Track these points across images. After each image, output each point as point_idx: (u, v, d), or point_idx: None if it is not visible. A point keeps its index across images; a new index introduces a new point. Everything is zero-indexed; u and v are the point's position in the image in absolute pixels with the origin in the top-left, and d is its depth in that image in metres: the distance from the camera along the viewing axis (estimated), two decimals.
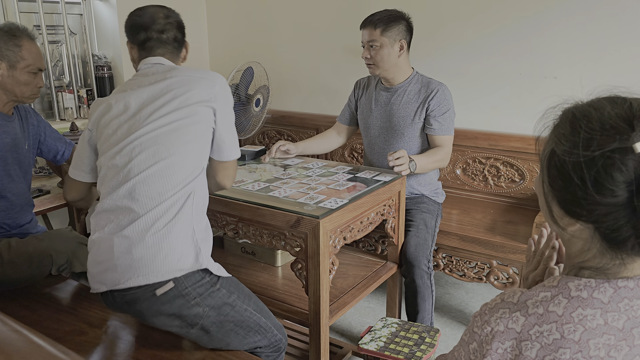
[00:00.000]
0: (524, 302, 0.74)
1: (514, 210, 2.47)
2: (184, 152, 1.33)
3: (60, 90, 2.96)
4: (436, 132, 2.10)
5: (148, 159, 1.32)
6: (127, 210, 1.31)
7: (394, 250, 2.03)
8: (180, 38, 1.51)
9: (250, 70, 2.72)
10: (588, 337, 0.69)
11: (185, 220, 1.32)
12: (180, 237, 1.31)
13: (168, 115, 1.33)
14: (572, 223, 0.72)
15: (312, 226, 1.51)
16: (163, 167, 1.31)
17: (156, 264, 1.28)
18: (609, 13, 2.22)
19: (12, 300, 1.68)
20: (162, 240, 1.29)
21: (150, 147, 1.32)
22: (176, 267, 1.29)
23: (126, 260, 1.28)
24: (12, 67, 1.68)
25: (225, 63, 3.40)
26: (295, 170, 1.99)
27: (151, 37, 1.45)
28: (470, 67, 2.59)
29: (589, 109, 0.70)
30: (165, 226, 1.29)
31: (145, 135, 1.33)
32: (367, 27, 2.07)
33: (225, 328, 1.37)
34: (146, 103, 1.35)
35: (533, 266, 0.97)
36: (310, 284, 1.58)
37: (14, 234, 1.79)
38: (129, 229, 1.29)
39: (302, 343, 2.05)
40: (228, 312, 1.36)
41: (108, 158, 1.36)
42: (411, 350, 1.66)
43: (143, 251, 1.28)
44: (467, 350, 0.78)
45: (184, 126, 1.34)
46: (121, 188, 1.32)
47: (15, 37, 1.68)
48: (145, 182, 1.31)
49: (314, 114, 3.12)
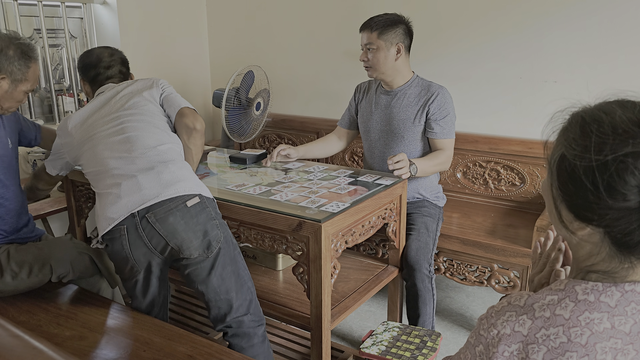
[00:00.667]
0: (531, 305, 0.73)
1: (514, 213, 2.47)
2: (155, 121, 1.69)
3: (60, 93, 2.96)
4: (437, 136, 2.10)
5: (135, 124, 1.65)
6: (134, 160, 1.57)
7: (395, 254, 2.02)
8: (125, 71, 1.88)
9: (250, 74, 2.73)
10: (595, 341, 0.69)
11: (185, 163, 1.66)
12: (191, 172, 1.63)
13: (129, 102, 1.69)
14: (583, 227, 0.72)
15: (314, 230, 1.51)
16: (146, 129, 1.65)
17: (183, 182, 1.54)
18: (609, 18, 2.22)
19: (12, 305, 1.67)
20: (181, 170, 1.59)
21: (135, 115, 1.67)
22: (198, 186, 1.57)
23: (154, 183, 1.52)
24: (14, 84, 1.66)
25: (226, 67, 3.40)
26: (297, 174, 1.99)
27: (99, 73, 1.81)
28: (470, 71, 2.60)
29: (599, 113, 0.69)
30: (178, 163, 1.61)
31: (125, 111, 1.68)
32: (365, 30, 2.10)
33: (228, 269, 1.54)
34: (110, 96, 1.73)
35: (539, 268, 0.96)
36: (312, 287, 1.57)
37: (12, 239, 1.77)
38: (147, 169, 1.55)
39: (304, 347, 2.05)
40: (235, 255, 1.56)
41: (101, 138, 1.64)
42: (413, 354, 1.66)
43: (169, 176, 1.54)
44: (474, 352, 0.78)
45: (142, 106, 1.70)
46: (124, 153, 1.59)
47: (28, 58, 1.66)
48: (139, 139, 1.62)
49: (315, 117, 3.12)
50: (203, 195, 1.55)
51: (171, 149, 1.63)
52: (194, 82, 3.49)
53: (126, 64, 1.89)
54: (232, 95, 2.66)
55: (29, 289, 1.72)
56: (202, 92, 3.55)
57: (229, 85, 2.62)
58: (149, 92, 1.74)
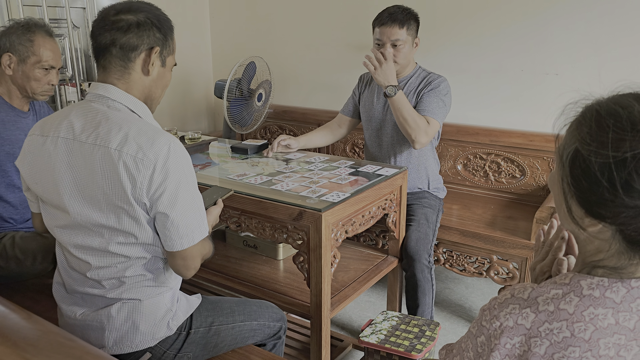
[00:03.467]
0: (535, 298, 0.73)
1: (514, 205, 2.48)
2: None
3: (63, 83, 2.97)
4: (421, 111, 2.03)
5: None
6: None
7: (394, 244, 2.04)
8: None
9: (252, 65, 2.73)
10: (598, 337, 0.68)
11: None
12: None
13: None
14: (594, 224, 0.70)
15: (315, 219, 1.52)
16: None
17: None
18: (610, 10, 2.22)
19: (16, 292, 1.69)
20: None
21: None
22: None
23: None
24: (22, 61, 1.67)
25: (228, 58, 3.40)
26: (298, 164, 2.00)
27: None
28: (471, 64, 2.60)
29: (615, 107, 0.67)
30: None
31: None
32: (391, 25, 2.02)
33: (220, 351, 1.39)
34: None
35: (541, 257, 0.95)
36: (312, 276, 1.59)
37: (20, 228, 1.80)
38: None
39: (303, 336, 2.07)
40: (215, 341, 1.35)
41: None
42: (412, 343, 1.68)
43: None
44: (475, 343, 0.78)
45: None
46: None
47: (29, 32, 1.66)
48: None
49: (316, 109, 3.13)
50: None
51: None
52: (196, 73, 3.49)
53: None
54: (234, 86, 2.67)
55: (33, 276, 1.74)
56: (204, 82, 3.56)
57: (230, 76, 2.63)
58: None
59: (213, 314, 1.36)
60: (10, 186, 1.75)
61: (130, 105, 1.17)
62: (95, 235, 1.16)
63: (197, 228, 1.16)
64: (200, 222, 1.17)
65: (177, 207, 1.11)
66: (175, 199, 1.11)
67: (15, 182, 1.75)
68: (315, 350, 1.67)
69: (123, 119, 1.12)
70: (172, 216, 1.11)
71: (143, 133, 1.10)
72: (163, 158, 1.08)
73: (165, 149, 1.09)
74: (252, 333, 1.43)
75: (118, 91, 1.16)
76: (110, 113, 1.14)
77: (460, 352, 0.83)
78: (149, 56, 1.17)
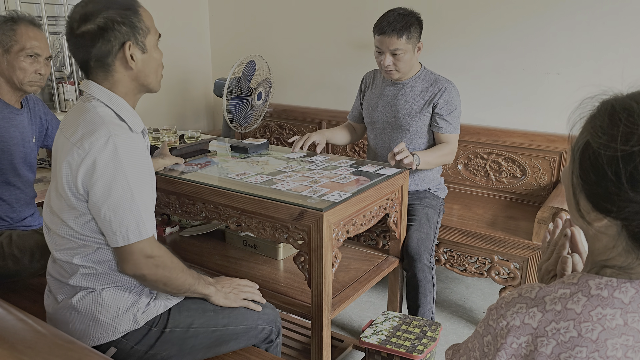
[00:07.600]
0: (542, 297, 0.72)
1: (515, 205, 2.47)
2: None
3: (61, 81, 2.95)
4: (443, 131, 2.11)
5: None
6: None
7: (395, 244, 2.03)
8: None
9: (252, 64, 2.72)
10: (606, 337, 0.68)
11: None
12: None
13: None
14: (600, 218, 0.70)
15: (316, 219, 1.51)
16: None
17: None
18: (612, 10, 2.21)
19: (13, 292, 1.68)
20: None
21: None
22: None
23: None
24: (7, 51, 1.65)
25: (228, 56, 3.39)
26: (298, 163, 1.98)
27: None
28: (473, 63, 2.59)
29: (631, 102, 0.67)
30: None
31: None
32: (390, 35, 1.98)
33: (198, 355, 1.32)
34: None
35: (547, 256, 0.95)
36: (313, 277, 1.58)
37: (16, 226, 1.78)
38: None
39: (304, 336, 2.06)
40: (193, 343, 1.30)
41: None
42: (413, 343, 1.67)
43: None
44: (481, 342, 0.77)
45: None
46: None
47: (11, 21, 1.65)
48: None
49: (316, 108, 3.12)
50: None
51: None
52: (195, 72, 3.47)
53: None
54: (234, 84, 2.65)
55: (31, 275, 1.72)
56: (203, 81, 3.54)
57: (230, 75, 2.61)
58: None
59: (194, 315, 1.32)
60: (6, 184, 1.73)
61: (104, 99, 1.22)
62: (55, 217, 1.23)
63: (133, 228, 1.16)
64: (136, 222, 1.16)
65: (109, 201, 1.14)
66: (108, 193, 1.13)
67: (11, 180, 1.74)
68: (315, 351, 1.66)
69: (90, 112, 1.19)
70: (104, 210, 1.14)
71: (90, 123, 1.15)
72: (97, 150, 1.12)
73: (101, 141, 1.12)
74: (234, 337, 1.36)
75: (95, 86, 1.22)
76: (84, 107, 1.21)
77: (466, 352, 0.82)
78: (124, 53, 1.20)
